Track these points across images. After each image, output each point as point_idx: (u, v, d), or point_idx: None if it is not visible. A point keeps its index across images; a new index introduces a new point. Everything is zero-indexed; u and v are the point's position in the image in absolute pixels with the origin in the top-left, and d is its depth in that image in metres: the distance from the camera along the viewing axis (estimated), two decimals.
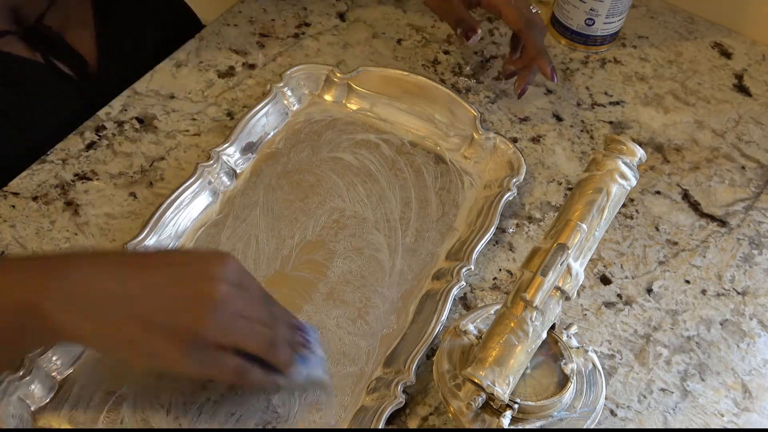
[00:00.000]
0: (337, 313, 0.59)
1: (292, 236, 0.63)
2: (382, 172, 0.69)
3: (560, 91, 0.79)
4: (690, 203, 0.70)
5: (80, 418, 0.52)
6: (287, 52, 0.79)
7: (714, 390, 0.58)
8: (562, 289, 0.48)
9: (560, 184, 0.70)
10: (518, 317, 0.48)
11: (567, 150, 0.73)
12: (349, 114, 0.73)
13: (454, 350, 0.53)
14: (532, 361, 0.51)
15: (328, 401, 0.54)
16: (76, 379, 0.54)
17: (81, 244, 0.62)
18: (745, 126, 0.77)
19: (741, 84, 0.82)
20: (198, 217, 0.64)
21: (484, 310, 0.56)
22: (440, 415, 0.55)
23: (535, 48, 0.70)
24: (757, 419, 0.57)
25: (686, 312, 0.63)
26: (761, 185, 0.72)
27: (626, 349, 0.60)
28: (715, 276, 0.65)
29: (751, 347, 0.61)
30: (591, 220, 0.48)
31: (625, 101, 0.78)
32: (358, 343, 0.58)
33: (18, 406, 0.52)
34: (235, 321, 0.47)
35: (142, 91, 0.74)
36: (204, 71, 0.76)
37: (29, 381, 0.52)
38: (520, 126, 0.75)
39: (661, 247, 0.67)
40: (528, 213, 0.68)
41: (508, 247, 0.65)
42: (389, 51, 0.80)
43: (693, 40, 0.86)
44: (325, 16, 0.84)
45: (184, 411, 0.53)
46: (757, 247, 0.67)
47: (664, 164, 0.73)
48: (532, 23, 0.70)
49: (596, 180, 0.49)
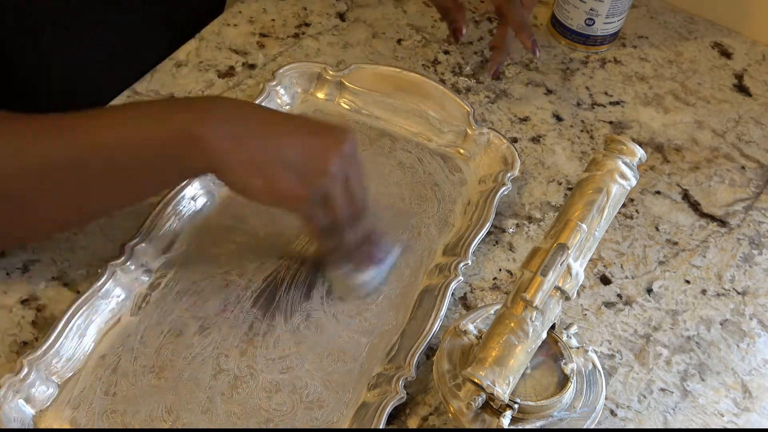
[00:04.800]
0: (336, 310, 0.59)
1: (289, 234, 0.63)
2: (377, 169, 0.69)
3: (560, 91, 0.79)
4: (690, 203, 0.70)
5: (81, 421, 0.52)
6: (287, 52, 0.79)
7: (714, 390, 0.58)
8: (562, 289, 0.48)
9: (560, 184, 0.70)
10: (518, 317, 0.48)
11: (567, 150, 0.73)
12: (342, 111, 0.73)
13: (454, 350, 0.53)
14: (532, 361, 0.51)
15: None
16: (77, 381, 0.54)
17: (81, 245, 0.62)
18: (745, 126, 0.77)
19: (741, 84, 0.82)
20: (197, 217, 0.64)
21: (484, 310, 0.56)
22: (440, 415, 0.55)
23: (516, 22, 0.70)
24: (757, 419, 0.57)
25: (686, 312, 0.63)
26: (761, 185, 0.72)
27: (626, 349, 0.60)
28: (715, 276, 0.65)
29: (751, 347, 0.61)
30: (591, 220, 0.48)
31: (625, 101, 0.78)
32: (358, 340, 0.58)
33: (19, 409, 0.52)
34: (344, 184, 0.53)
35: (142, 91, 0.74)
36: (204, 71, 0.76)
37: (30, 384, 0.52)
38: (520, 126, 0.75)
39: (661, 247, 0.67)
40: (528, 213, 0.68)
41: (508, 247, 0.65)
42: (389, 51, 0.80)
43: (693, 40, 0.86)
44: (325, 16, 0.84)
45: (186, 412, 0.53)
46: (757, 247, 0.67)
47: (664, 164, 0.73)
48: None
49: (596, 180, 0.49)
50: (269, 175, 0.51)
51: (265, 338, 0.57)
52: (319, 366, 0.56)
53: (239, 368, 0.56)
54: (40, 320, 0.57)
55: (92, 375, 0.54)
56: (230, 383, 0.55)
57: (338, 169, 0.52)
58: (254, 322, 0.58)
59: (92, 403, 0.53)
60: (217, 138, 0.50)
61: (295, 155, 0.52)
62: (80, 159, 0.50)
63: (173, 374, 0.55)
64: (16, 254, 0.61)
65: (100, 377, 0.54)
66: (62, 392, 0.54)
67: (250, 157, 0.51)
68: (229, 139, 0.50)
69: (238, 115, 0.52)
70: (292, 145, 0.52)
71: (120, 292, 0.58)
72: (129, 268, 0.58)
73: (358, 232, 0.56)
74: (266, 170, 0.51)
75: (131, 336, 0.57)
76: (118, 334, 0.57)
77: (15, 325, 0.57)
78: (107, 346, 0.56)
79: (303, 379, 0.55)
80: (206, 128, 0.50)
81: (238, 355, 0.56)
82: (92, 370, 0.55)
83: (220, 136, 0.50)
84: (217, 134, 0.50)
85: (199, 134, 0.50)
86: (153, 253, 0.60)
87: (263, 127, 0.53)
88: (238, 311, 0.59)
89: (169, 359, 0.56)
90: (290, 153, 0.52)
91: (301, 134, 0.54)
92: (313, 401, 0.54)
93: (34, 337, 0.56)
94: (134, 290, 0.59)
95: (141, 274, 0.59)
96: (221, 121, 0.50)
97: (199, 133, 0.50)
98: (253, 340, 0.57)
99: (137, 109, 0.54)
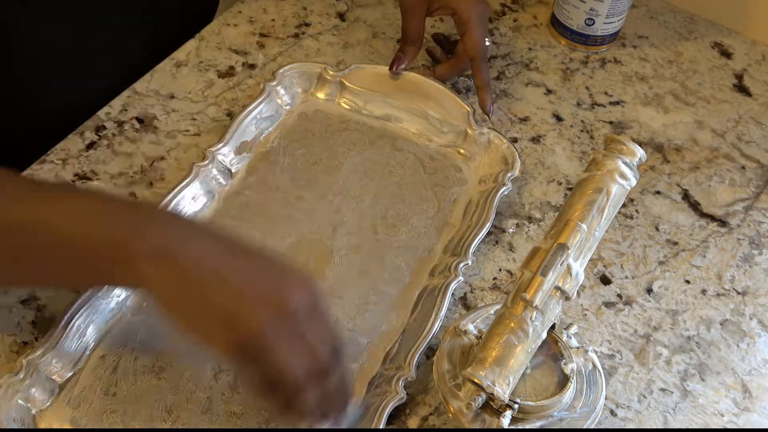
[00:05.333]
0: (336, 310, 0.59)
1: (288, 235, 0.63)
2: (377, 169, 0.69)
3: (560, 91, 0.79)
4: (690, 203, 0.70)
5: (81, 421, 0.52)
6: (287, 52, 0.79)
7: (714, 390, 0.58)
8: (562, 289, 0.48)
9: (560, 184, 0.70)
10: (518, 317, 0.48)
11: (567, 150, 0.73)
12: (343, 112, 0.73)
13: (454, 350, 0.53)
14: (532, 361, 0.51)
15: None
16: (77, 381, 0.54)
17: None
18: (745, 126, 0.77)
19: (741, 84, 0.82)
20: (195, 217, 0.64)
21: (484, 310, 0.56)
22: (440, 415, 0.55)
23: (483, 80, 0.72)
24: (757, 419, 0.57)
25: (686, 312, 0.63)
26: (761, 185, 0.72)
27: (626, 349, 0.60)
28: (715, 276, 0.65)
29: (751, 347, 0.61)
30: (591, 220, 0.48)
31: (625, 101, 0.78)
32: (358, 340, 0.58)
33: (19, 409, 0.52)
34: (292, 339, 0.45)
35: (142, 91, 0.74)
36: (204, 71, 0.76)
37: (30, 384, 0.52)
38: (520, 126, 0.75)
39: (661, 247, 0.67)
40: (528, 213, 0.68)
41: (508, 247, 0.65)
42: (389, 51, 0.80)
43: (693, 40, 0.86)
44: (325, 16, 0.84)
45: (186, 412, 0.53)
46: (757, 247, 0.67)
47: (664, 164, 0.73)
48: (486, 54, 0.72)
49: (596, 180, 0.49)
50: (196, 317, 0.45)
51: None
52: None
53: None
54: (40, 320, 0.57)
55: (92, 375, 0.55)
56: (230, 383, 0.55)
57: (275, 325, 0.44)
58: None
59: (92, 403, 0.53)
60: (151, 261, 0.44)
61: (231, 300, 0.44)
62: (14, 230, 0.46)
63: (173, 374, 0.55)
64: None
65: (101, 377, 0.54)
66: (62, 392, 0.54)
67: (181, 293, 0.44)
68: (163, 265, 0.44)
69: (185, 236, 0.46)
70: (232, 286, 0.44)
71: (120, 292, 0.58)
72: None
73: (319, 391, 0.46)
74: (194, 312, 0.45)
75: (131, 336, 0.57)
76: (118, 334, 0.57)
77: (15, 325, 0.57)
78: (107, 346, 0.56)
79: None
80: (142, 245, 0.44)
81: None
82: (92, 370, 0.55)
83: (155, 259, 0.44)
84: (152, 256, 0.44)
85: (133, 250, 0.44)
86: None
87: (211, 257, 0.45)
88: None
89: (169, 359, 0.56)
90: (227, 296, 0.44)
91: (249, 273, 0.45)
92: None
93: (34, 337, 0.56)
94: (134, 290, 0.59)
95: None
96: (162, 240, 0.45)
97: (133, 249, 0.44)
98: None
99: (86, 204, 0.47)
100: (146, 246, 0.44)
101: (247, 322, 0.44)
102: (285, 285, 0.45)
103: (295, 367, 0.45)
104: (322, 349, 0.46)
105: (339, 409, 0.49)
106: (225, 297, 0.44)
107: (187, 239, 0.45)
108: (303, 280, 0.46)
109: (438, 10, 0.74)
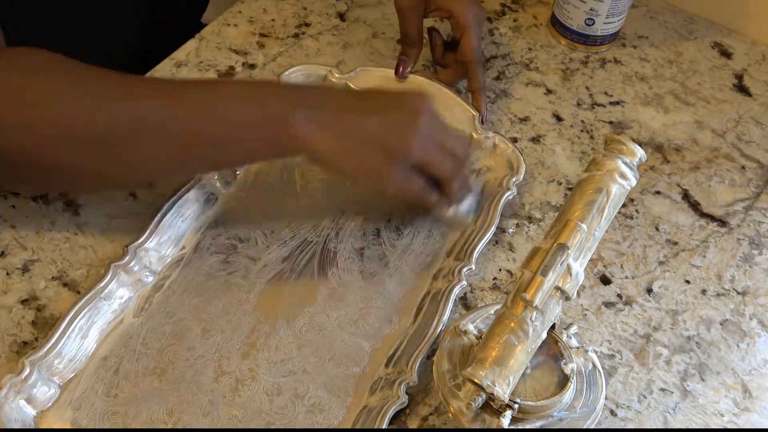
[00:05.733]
0: (339, 314, 0.59)
1: (292, 237, 0.64)
2: None
3: (560, 91, 0.79)
4: (690, 203, 0.70)
5: (82, 422, 0.53)
6: (287, 52, 0.79)
7: (714, 390, 0.58)
8: (562, 289, 0.48)
9: (560, 184, 0.70)
10: (518, 317, 0.48)
11: (567, 150, 0.73)
12: None
13: (454, 350, 0.53)
14: (532, 361, 0.51)
15: None
16: (79, 382, 0.54)
17: (81, 244, 0.62)
18: (745, 126, 0.78)
19: (741, 84, 0.82)
20: (197, 217, 0.64)
21: (484, 310, 0.56)
22: (440, 415, 0.55)
23: (478, 82, 0.73)
24: (757, 419, 0.57)
25: (686, 312, 0.63)
26: (761, 185, 0.72)
27: (626, 349, 0.60)
28: (715, 276, 0.65)
29: (751, 347, 0.61)
30: (591, 220, 0.48)
31: (625, 101, 0.79)
32: (361, 344, 0.58)
33: (20, 409, 0.52)
34: (432, 148, 0.57)
35: None
36: (204, 71, 0.76)
37: (31, 384, 0.52)
38: (520, 126, 0.75)
39: (661, 247, 0.67)
40: (528, 213, 0.68)
41: (508, 247, 0.65)
42: (389, 51, 0.80)
43: (693, 40, 0.86)
44: (325, 16, 0.84)
45: (188, 414, 0.53)
46: (757, 247, 0.67)
47: (664, 164, 0.73)
48: (481, 57, 0.73)
49: (596, 180, 0.49)
50: (356, 156, 0.56)
51: (267, 341, 0.57)
52: (321, 370, 0.56)
53: (241, 371, 0.56)
54: (40, 320, 0.57)
55: (94, 376, 0.55)
56: (232, 386, 0.55)
57: (421, 139, 0.56)
58: (257, 325, 0.58)
59: (94, 405, 0.53)
60: (307, 125, 0.54)
61: (378, 134, 0.55)
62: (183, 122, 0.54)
63: (175, 376, 0.55)
64: (16, 254, 0.61)
65: (102, 378, 0.55)
66: (64, 393, 0.54)
67: (338, 142, 0.55)
68: (317, 126, 0.54)
69: (323, 102, 0.56)
70: (373, 125, 0.56)
71: (123, 293, 0.58)
72: (132, 269, 0.59)
73: (461, 179, 0.61)
74: (354, 152, 0.56)
75: (133, 337, 0.57)
76: (120, 335, 0.57)
77: (15, 325, 0.57)
78: (109, 347, 0.56)
79: (305, 382, 0.56)
80: (297, 116, 0.54)
81: (240, 358, 0.56)
82: (94, 371, 0.55)
83: (309, 123, 0.54)
84: (306, 122, 0.54)
85: (291, 121, 0.54)
86: (156, 255, 0.60)
87: (347, 111, 0.56)
88: (241, 314, 0.59)
89: (171, 361, 0.56)
90: (373, 133, 0.55)
91: (380, 111, 0.57)
92: (314, 405, 0.55)
93: (34, 337, 0.56)
94: (137, 291, 0.59)
95: (144, 275, 0.59)
96: (310, 109, 0.55)
97: (291, 120, 0.54)
98: (255, 343, 0.57)
99: (237, 90, 0.58)
100: (300, 115, 0.54)
101: (398, 147, 0.56)
102: (410, 109, 0.57)
103: (445, 168, 0.59)
104: (456, 148, 0.59)
105: (469, 189, 0.64)
106: (373, 131, 0.56)
107: (324, 101, 0.57)
108: (421, 99, 0.57)
109: (434, 12, 0.74)
